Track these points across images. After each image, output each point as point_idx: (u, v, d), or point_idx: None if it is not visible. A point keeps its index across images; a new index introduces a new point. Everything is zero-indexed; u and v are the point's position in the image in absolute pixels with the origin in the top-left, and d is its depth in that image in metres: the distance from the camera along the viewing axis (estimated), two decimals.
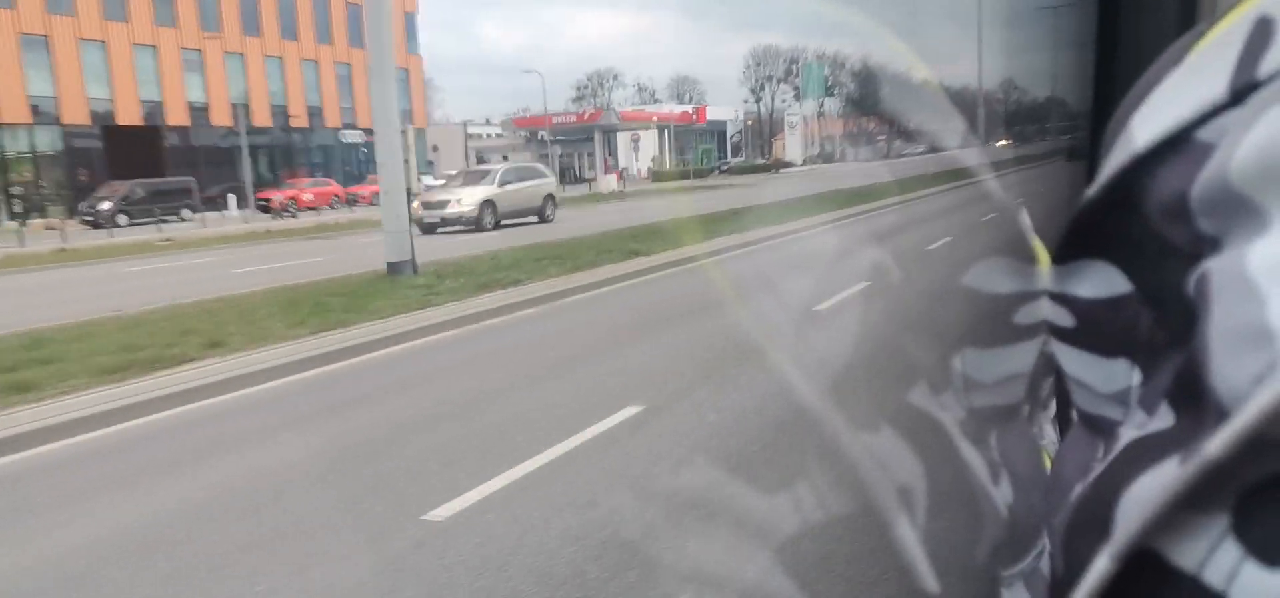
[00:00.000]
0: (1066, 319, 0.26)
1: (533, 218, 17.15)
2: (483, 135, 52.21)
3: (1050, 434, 0.46)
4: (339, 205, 29.11)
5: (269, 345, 5.73)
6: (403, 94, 41.59)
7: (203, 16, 32.96)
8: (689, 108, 54.78)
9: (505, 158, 47.43)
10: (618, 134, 48.41)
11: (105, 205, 23.84)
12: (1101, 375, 0.25)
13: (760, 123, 61.73)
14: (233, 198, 27.20)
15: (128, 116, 31.25)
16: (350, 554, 2.70)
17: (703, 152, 51.02)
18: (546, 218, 17.37)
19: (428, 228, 14.85)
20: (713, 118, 55.51)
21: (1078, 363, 0.26)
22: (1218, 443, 0.17)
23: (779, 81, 61.97)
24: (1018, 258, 0.39)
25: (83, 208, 24.76)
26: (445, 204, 15.50)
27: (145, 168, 27.56)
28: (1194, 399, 0.19)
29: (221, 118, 33.52)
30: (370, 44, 9.07)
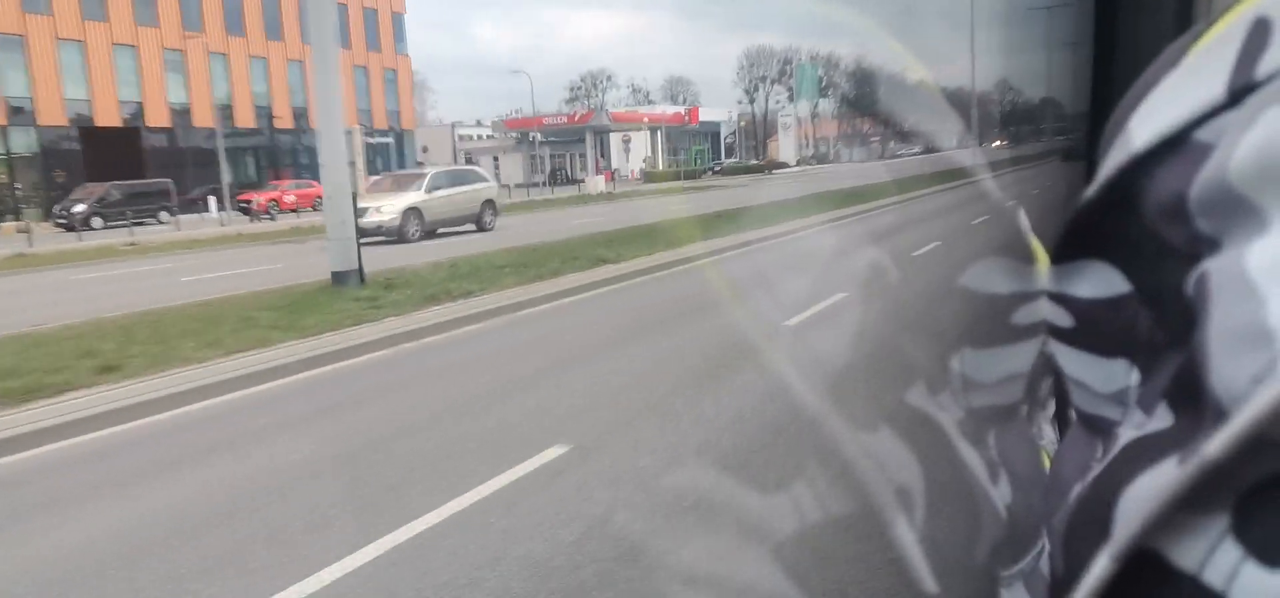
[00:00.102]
0: (1065, 319, 0.27)
1: (470, 227, 15.86)
2: (473, 136, 52.04)
3: (1049, 434, 0.46)
4: (321, 206, 28.81)
5: (170, 370, 5.20)
6: (391, 95, 41.52)
7: (185, 16, 32.71)
8: (681, 109, 54.93)
9: (496, 159, 47.36)
10: (610, 135, 48.49)
11: (79, 208, 23.39)
12: (1100, 376, 0.25)
13: (754, 124, 62.00)
14: (214, 200, 26.95)
15: (107, 117, 30.96)
16: None
17: (696, 153, 51.16)
18: (485, 226, 16.00)
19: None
20: (707, 119, 55.71)
21: (1076, 363, 0.26)
22: (1217, 443, 0.18)
23: (773, 82, 62.33)
24: (1016, 258, 0.39)
25: (57, 211, 24.45)
26: (362, 213, 13.87)
27: (125, 170, 27.29)
28: (1193, 399, 0.19)
29: (204, 119, 33.26)
30: (312, 37, 8.23)
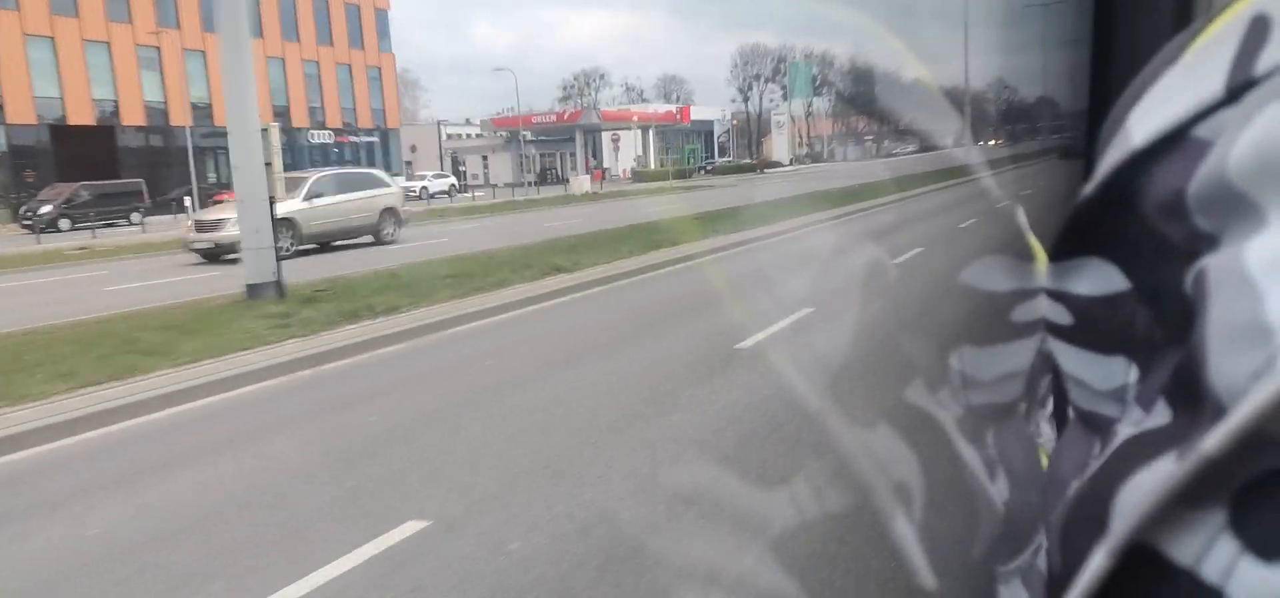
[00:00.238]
0: (1064, 317, 0.27)
1: (367, 238, 13.86)
2: (462, 135, 51.84)
3: (1047, 432, 0.47)
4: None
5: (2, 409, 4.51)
6: (375, 93, 41.26)
7: (160, 12, 32.35)
8: (673, 107, 55.03)
9: (484, 159, 47.12)
10: (601, 134, 48.49)
11: (46, 209, 23.03)
12: (1099, 373, 0.26)
13: (748, 122, 62.22)
14: (189, 200, 26.68)
15: (80, 116, 30.55)
16: None
17: (689, 152, 51.27)
18: (386, 238, 13.96)
19: (208, 255, 12.16)
20: (700, 117, 55.84)
21: (1075, 360, 0.27)
22: (1214, 439, 0.18)
23: (767, 81, 62.61)
24: (1014, 255, 0.40)
25: (23, 212, 24.05)
26: (219, 225, 12.03)
27: (99, 169, 26.93)
28: (1191, 396, 0.20)
29: (181, 117, 32.90)
30: (222, 23, 7.42)
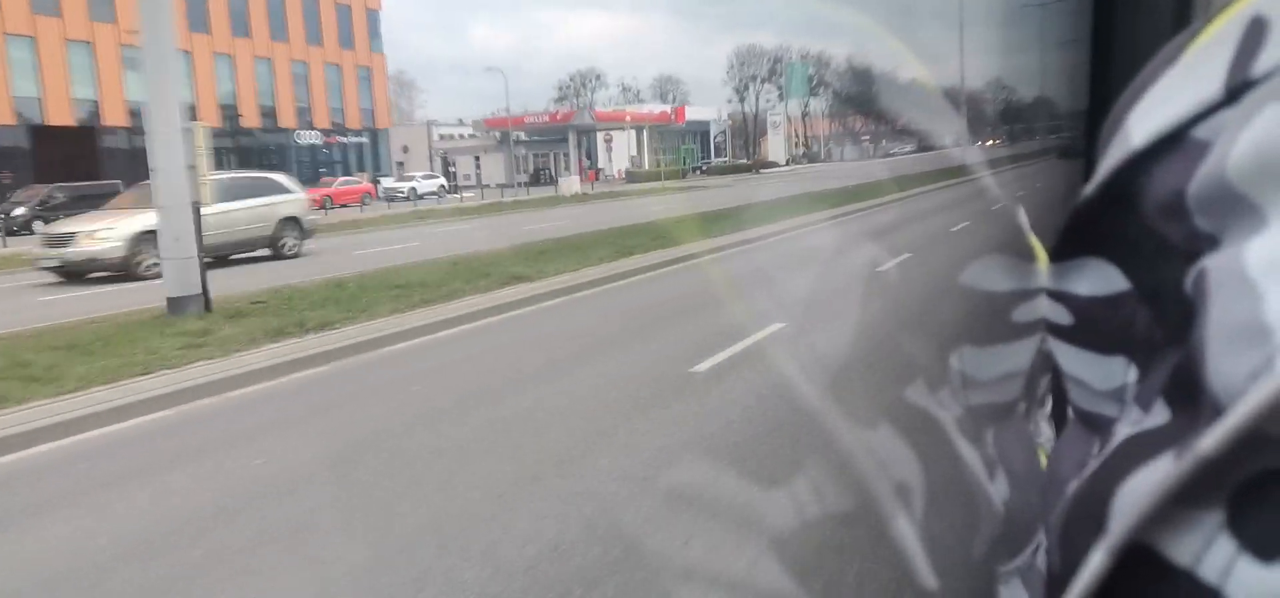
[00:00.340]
0: (1064, 317, 0.27)
1: (264, 250, 12.15)
2: (455, 136, 51.85)
3: (1046, 432, 0.48)
4: None
5: None
6: (365, 93, 41.18)
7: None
8: (667, 108, 55.15)
9: (477, 159, 47.01)
10: (595, 134, 48.54)
11: (20, 211, 22.81)
12: (1098, 373, 0.26)
13: (745, 122, 62.42)
14: None
15: (59, 116, 30.35)
16: None
17: (685, 152, 51.39)
18: (286, 251, 12.31)
19: (63, 274, 10.63)
20: (696, 118, 55.97)
21: (1075, 360, 0.27)
22: (1212, 439, 0.18)
23: (763, 81, 62.85)
24: (1015, 255, 0.41)
25: None
26: (70, 240, 10.52)
27: (79, 170, 26.73)
28: (1190, 396, 0.20)
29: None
30: (143, 14, 7.10)
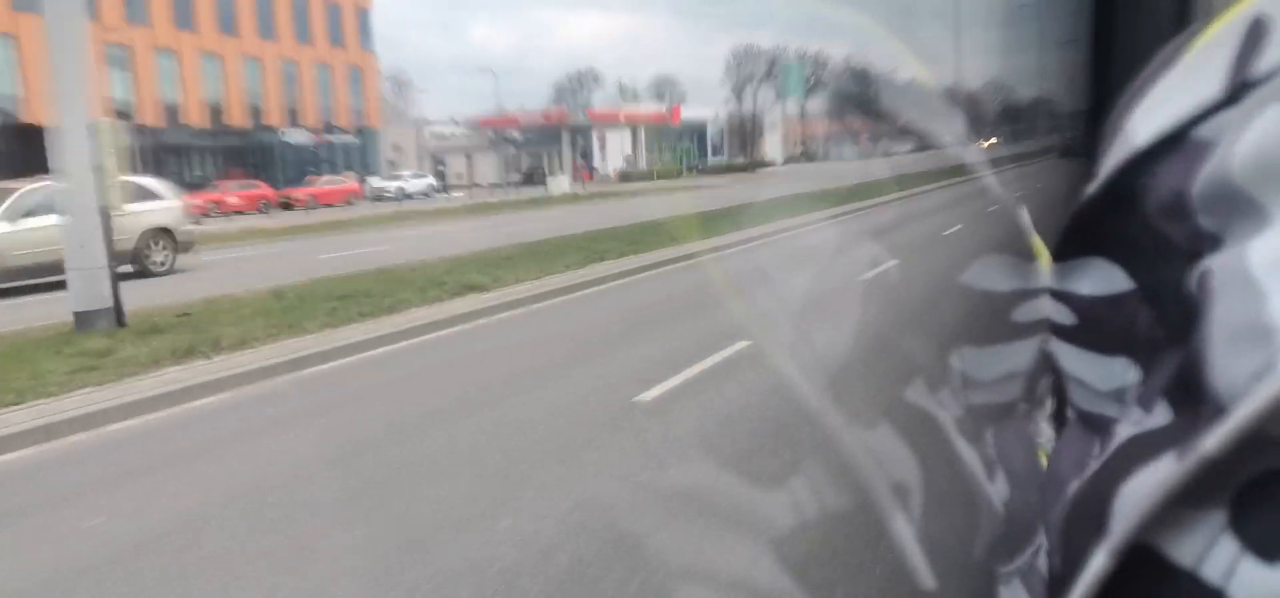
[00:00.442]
0: (1066, 317, 0.28)
1: (127, 266, 10.31)
2: (447, 134, 51.89)
3: (1047, 432, 0.48)
4: (268, 209, 28.16)
5: None
6: (355, 93, 41.09)
7: (129, 9, 32.09)
8: (663, 107, 55.26)
9: (469, 159, 46.93)
10: (591, 134, 48.60)
11: None
12: (1100, 373, 0.26)
13: (742, 122, 62.61)
14: None
15: (39, 115, 30.13)
16: None
17: (682, 151, 51.50)
18: (154, 268, 10.98)
19: None
20: (692, 117, 56.07)
21: (1077, 361, 0.27)
22: (1215, 439, 0.18)
23: (760, 81, 63.03)
24: (1016, 255, 0.41)
25: None
26: None
27: None
28: (1192, 396, 0.20)
29: (151, 116, 32.59)
30: (48, 11, 6.55)
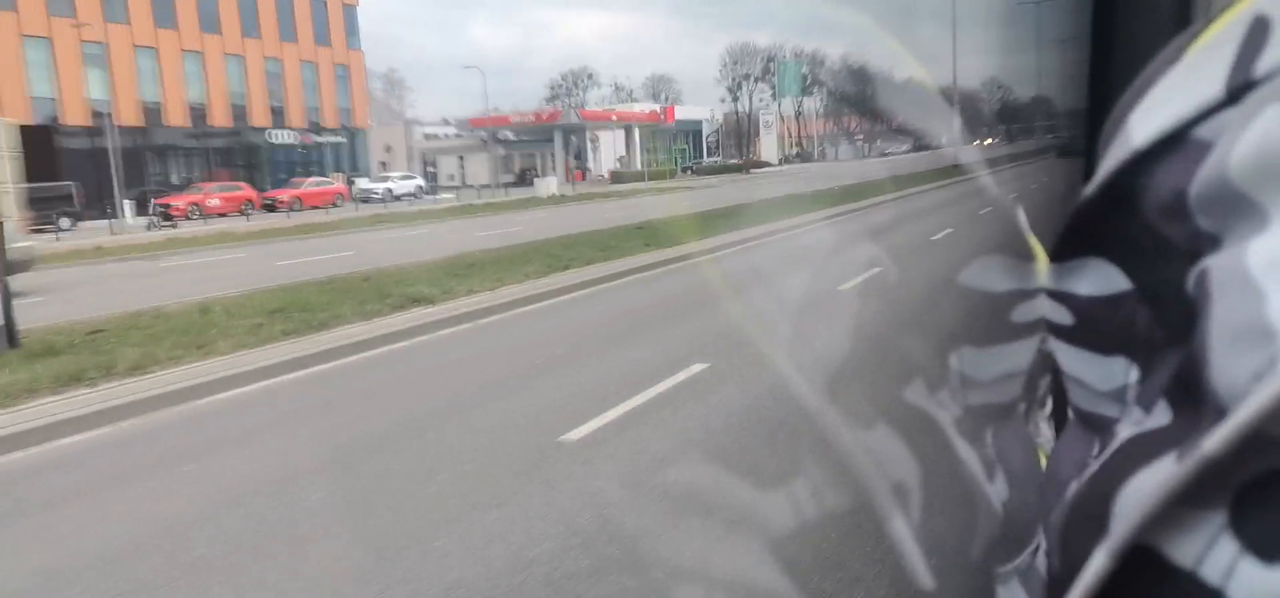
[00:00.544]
0: (1065, 317, 0.28)
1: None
2: (440, 135, 51.81)
3: (1046, 432, 0.49)
4: (251, 212, 28.13)
5: None
6: (342, 92, 40.94)
7: (107, 7, 31.83)
8: (656, 107, 55.35)
9: (461, 159, 46.71)
10: (585, 134, 48.63)
11: None
12: (1099, 373, 0.27)
13: (739, 122, 62.78)
14: (128, 204, 26.27)
15: (15, 114, 29.83)
16: None
17: (677, 151, 51.61)
18: None
19: None
20: (687, 117, 56.18)
21: (1076, 361, 0.28)
22: (1216, 440, 0.18)
23: (756, 80, 63.24)
24: (1015, 255, 0.42)
25: None
26: None
27: (36, 171, 26.33)
28: (1192, 396, 0.21)
29: (130, 116, 32.34)
30: None
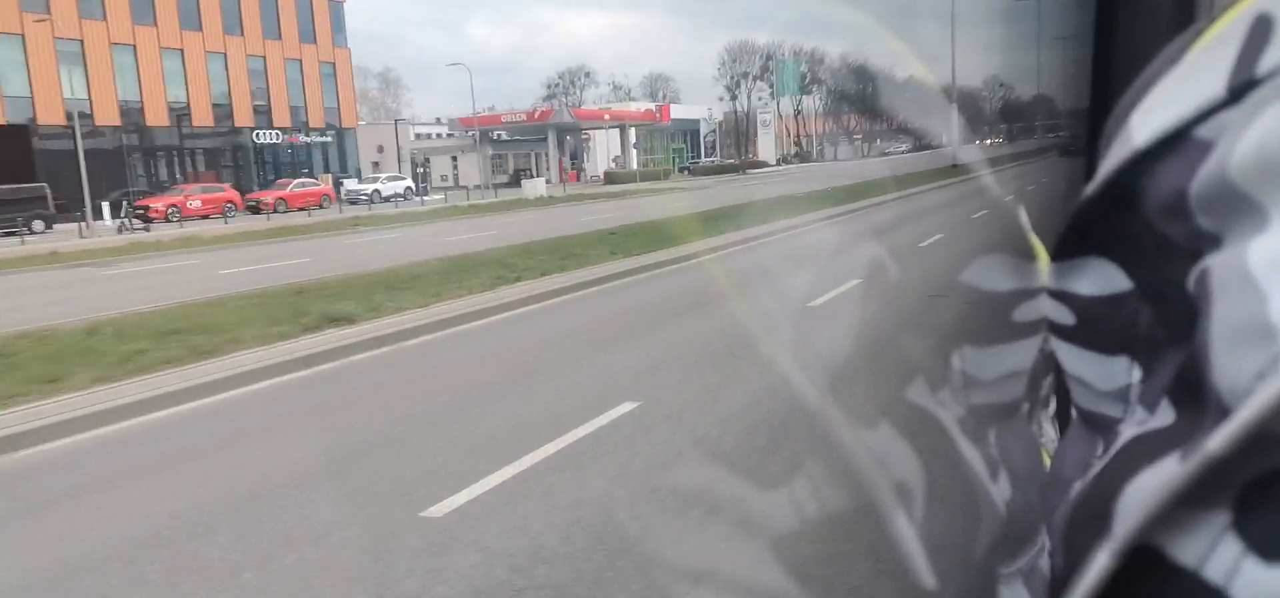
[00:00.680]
0: (1066, 317, 0.28)
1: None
2: (431, 135, 51.79)
3: (1050, 432, 0.50)
4: (233, 214, 28.03)
5: None
6: (329, 91, 40.86)
7: (83, 3, 31.65)
8: (652, 106, 55.44)
9: (454, 159, 46.71)
10: (580, 133, 48.68)
11: None
12: (1101, 373, 0.27)
13: (737, 121, 62.92)
14: (107, 206, 26.17)
15: None
16: None
17: (673, 151, 51.70)
18: None
19: None
20: (684, 116, 56.26)
21: (1078, 361, 0.28)
22: (1219, 439, 0.19)
23: (755, 79, 63.41)
24: (1016, 255, 0.43)
25: None
26: None
27: (11, 172, 26.20)
28: (1195, 396, 0.21)
29: (109, 116, 32.18)
30: None
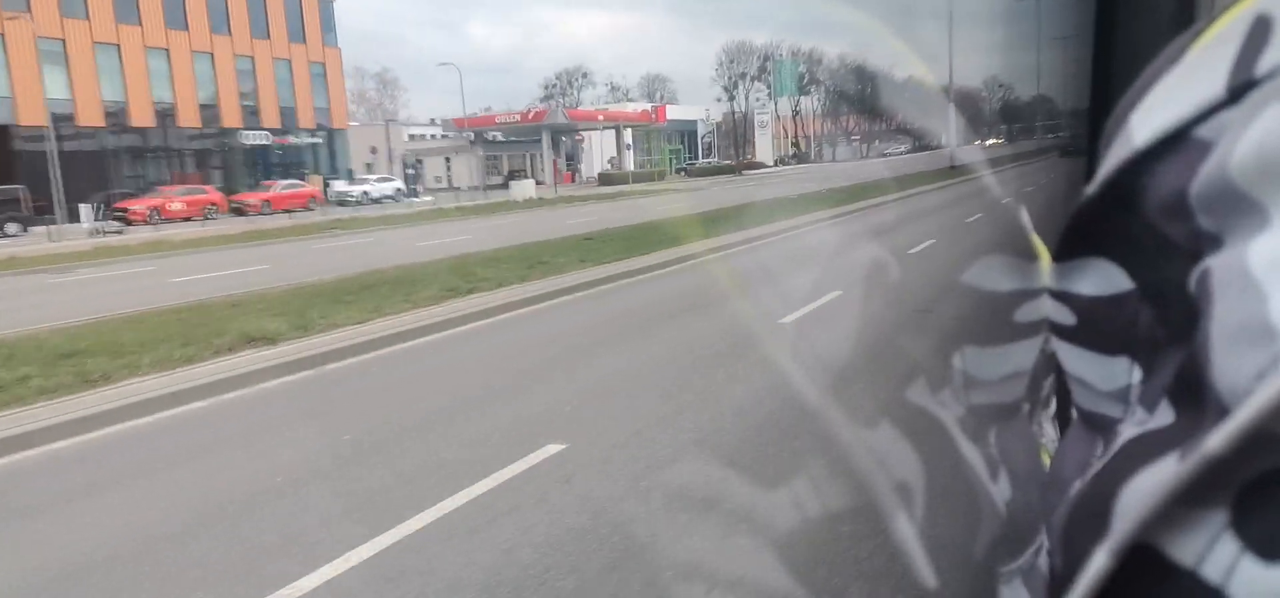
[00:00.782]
0: (1067, 317, 0.29)
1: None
2: (426, 136, 51.79)
3: (1050, 432, 0.51)
4: (214, 216, 28.02)
5: None
6: (319, 91, 40.79)
7: (65, 2, 31.53)
8: (647, 107, 55.52)
9: (448, 160, 46.68)
10: (575, 134, 48.72)
11: None
12: (1102, 373, 0.28)
13: (735, 121, 63.06)
14: (87, 208, 26.11)
15: None
16: None
17: (670, 152, 51.77)
18: None
19: None
20: (681, 117, 56.36)
21: (1078, 361, 0.29)
22: (1218, 439, 0.19)
23: (753, 80, 63.60)
24: (1017, 255, 0.44)
25: None
26: None
27: None
28: (1194, 396, 0.21)
29: (92, 117, 32.05)
30: None
